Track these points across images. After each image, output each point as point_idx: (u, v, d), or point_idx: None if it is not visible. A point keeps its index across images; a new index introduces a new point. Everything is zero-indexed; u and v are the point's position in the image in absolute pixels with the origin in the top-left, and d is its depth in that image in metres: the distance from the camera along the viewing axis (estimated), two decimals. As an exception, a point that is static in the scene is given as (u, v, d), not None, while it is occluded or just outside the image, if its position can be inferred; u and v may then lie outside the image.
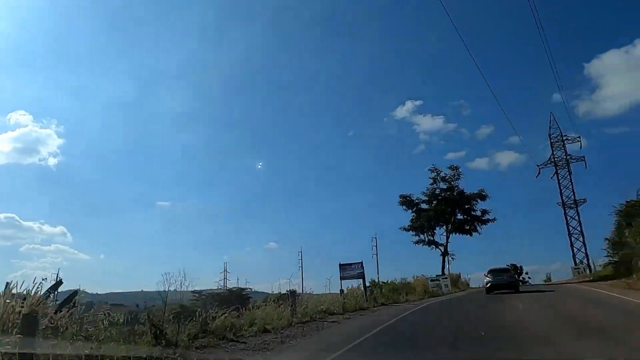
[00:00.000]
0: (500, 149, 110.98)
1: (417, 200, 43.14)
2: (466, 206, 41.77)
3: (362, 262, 21.67)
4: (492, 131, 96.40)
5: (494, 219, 41.22)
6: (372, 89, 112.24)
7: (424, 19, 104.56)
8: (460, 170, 42.39)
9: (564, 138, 59.62)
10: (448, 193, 41.84)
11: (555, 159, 59.81)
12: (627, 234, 29.21)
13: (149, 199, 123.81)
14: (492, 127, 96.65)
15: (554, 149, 60.34)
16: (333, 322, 12.39)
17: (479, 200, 41.98)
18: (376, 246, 69.93)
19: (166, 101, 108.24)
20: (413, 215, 43.36)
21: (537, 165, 61.42)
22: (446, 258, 42.17)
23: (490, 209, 41.18)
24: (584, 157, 57.88)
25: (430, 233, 43.08)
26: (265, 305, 14.63)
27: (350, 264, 21.72)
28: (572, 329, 8.77)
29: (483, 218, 41.58)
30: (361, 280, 21.76)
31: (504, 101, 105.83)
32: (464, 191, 41.65)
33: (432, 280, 32.60)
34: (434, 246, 42.68)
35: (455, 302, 19.65)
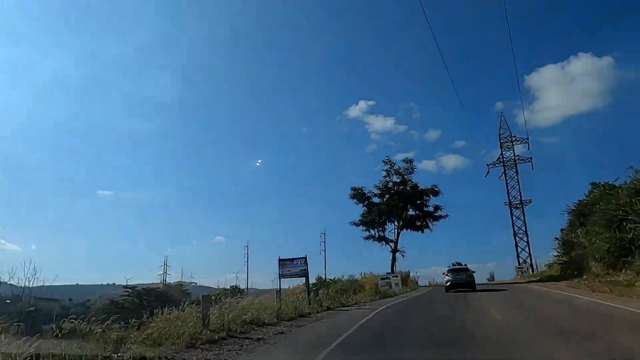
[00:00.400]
0: (446, 153, 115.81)
1: (368, 194, 40.80)
2: (418, 201, 39.96)
3: (305, 257, 18.35)
4: (440, 135, 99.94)
5: (446, 215, 39.79)
6: (328, 87, 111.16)
7: (382, 23, 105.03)
8: (414, 164, 40.49)
9: (513, 138, 60.31)
10: (401, 187, 39.77)
11: (504, 159, 60.39)
12: (579, 233, 28.42)
13: (90, 188, 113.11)
14: (439, 131, 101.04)
15: (503, 149, 60.93)
16: (258, 339, 8.89)
17: (431, 196, 40.42)
18: (324, 242, 67.83)
19: (117, 85, 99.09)
20: (364, 210, 41.02)
21: (487, 165, 61.77)
22: (396, 255, 40.20)
23: (443, 206, 39.71)
24: (531, 158, 58.85)
25: (380, 228, 40.90)
26: (180, 310, 10.94)
27: (292, 259, 18.34)
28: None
29: (435, 214, 39.99)
30: (304, 278, 18.54)
31: (450, 106, 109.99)
32: (418, 185, 39.86)
33: (382, 279, 30.16)
34: (384, 242, 40.54)
35: (415, 305, 16.94)
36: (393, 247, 40.46)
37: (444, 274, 25.33)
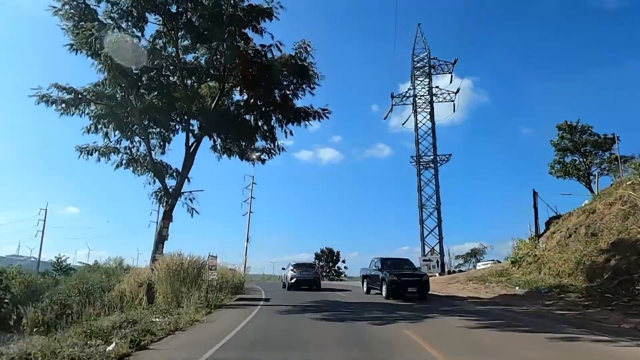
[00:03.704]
0: (324, 146, 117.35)
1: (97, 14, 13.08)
2: (254, 57, 13.88)
3: None
4: (319, 127, 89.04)
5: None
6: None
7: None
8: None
9: (433, 61, 39.42)
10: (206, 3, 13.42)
11: (416, 92, 39.20)
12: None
13: None
14: (319, 124, 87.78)
15: (414, 77, 39.66)
16: None
17: (299, 80, 14.99)
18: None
19: None
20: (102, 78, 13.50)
21: (392, 96, 39.92)
22: (174, 207, 13.95)
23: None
24: (457, 91, 38.65)
25: (159, 132, 14.40)
26: None
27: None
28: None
29: (300, 108, 14.88)
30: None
31: (332, 102, 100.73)
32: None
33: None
34: (144, 172, 14.04)
35: None
36: (175, 188, 14.21)
37: (290, 269, 21.25)
